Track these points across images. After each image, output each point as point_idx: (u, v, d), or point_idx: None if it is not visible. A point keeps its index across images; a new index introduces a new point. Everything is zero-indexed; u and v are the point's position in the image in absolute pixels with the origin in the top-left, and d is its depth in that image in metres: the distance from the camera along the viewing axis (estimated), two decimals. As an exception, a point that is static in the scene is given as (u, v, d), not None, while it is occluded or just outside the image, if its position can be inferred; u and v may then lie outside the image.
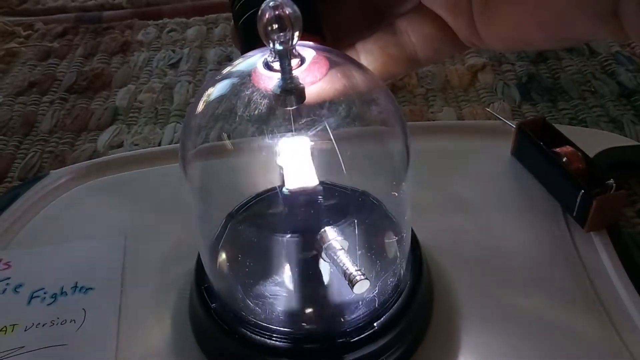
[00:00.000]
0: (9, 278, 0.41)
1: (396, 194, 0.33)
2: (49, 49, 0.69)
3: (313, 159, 0.31)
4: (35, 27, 0.73)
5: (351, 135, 0.31)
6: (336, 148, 0.29)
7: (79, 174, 0.49)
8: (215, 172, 0.35)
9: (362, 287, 0.29)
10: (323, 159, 0.31)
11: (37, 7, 0.79)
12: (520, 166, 0.47)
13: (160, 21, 0.72)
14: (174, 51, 0.66)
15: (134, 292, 0.39)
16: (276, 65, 0.28)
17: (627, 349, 0.34)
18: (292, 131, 0.30)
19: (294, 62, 0.28)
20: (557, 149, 0.43)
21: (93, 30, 0.71)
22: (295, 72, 0.28)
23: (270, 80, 0.28)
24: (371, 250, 0.33)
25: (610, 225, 0.41)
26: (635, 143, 0.49)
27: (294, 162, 0.31)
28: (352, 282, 0.29)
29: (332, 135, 0.30)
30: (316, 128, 0.31)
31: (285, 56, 0.27)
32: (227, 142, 0.32)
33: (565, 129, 0.46)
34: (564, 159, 0.43)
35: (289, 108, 0.28)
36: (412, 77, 0.58)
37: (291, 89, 0.28)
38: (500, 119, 0.50)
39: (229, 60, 0.64)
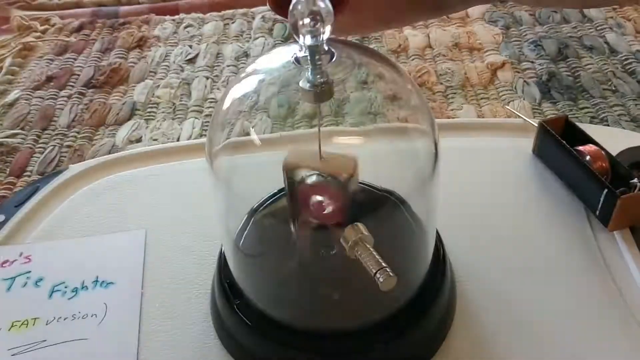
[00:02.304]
0: (29, 272, 0.41)
1: (423, 193, 0.33)
2: (66, 43, 0.69)
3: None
4: (52, 22, 0.73)
5: (379, 134, 0.30)
6: (366, 146, 0.29)
7: (99, 168, 0.49)
8: (241, 167, 0.35)
9: (390, 284, 0.29)
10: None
11: (54, 1, 0.79)
12: (542, 164, 0.46)
13: (177, 17, 0.72)
14: (191, 47, 0.66)
15: (155, 286, 0.39)
16: (304, 59, 0.28)
17: None
18: (319, 127, 0.30)
19: (325, 57, 0.28)
20: (580, 148, 0.43)
21: (110, 25, 0.71)
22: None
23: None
24: (397, 248, 0.33)
25: (634, 224, 0.41)
26: (658, 142, 0.48)
27: (321, 158, 0.31)
28: (379, 279, 0.29)
29: (362, 133, 0.30)
30: (343, 125, 0.31)
31: (316, 51, 0.27)
32: (253, 138, 0.32)
33: (586, 128, 0.46)
34: (587, 158, 0.42)
35: (317, 103, 0.28)
36: (431, 75, 0.58)
37: (320, 84, 0.28)
38: (521, 117, 0.50)
39: (246, 56, 0.64)
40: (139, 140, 0.53)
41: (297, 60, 0.28)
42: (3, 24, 0.74)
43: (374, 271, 0.29)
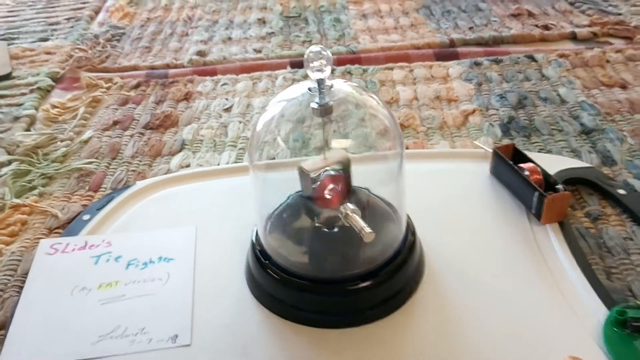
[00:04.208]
0: (110, 252, 0.56)
1: (393, 186, 0.48)
2: (127, 97, 0.86)
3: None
4: (114, 81, 0.91)
5: (364, 145, 0.45)
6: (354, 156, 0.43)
7: (159, 184, 0.64)
8: (271, 173, 0.49)
9: (370, 237, 0.43)
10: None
11: (114, 65, 0.97)
12: (497, 182, 0.61)
13: (215, 77, 0.89)
14: (227, 99, 0.83)
15: (203, 261, 0.54)
16: (315, 89, 0.43)
17: (571, 308, 0.46)
18: (324, 133, 0.45)
19: (327, 87, 0.43)
20: (522, 165, 0.57)
21: (161, 83, 0.89)
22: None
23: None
24: (378, 223, 0.47)
25: (561, 220, 0.54)
26: (587, 165, 0.62)
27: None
28: (362, 234, 0.43)
29: (350, 144, 0.46)
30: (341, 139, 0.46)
31: (322, 83, 0.42)
32: (280, 154, 0.47)
33: (534, 155, 0.60)
34: (526, 172, 0.56)
35: (322, 117, 0.43)
36: (416, 119, 0.74)
37: (324, 105, 0.43)
38: (483, 147, 0.64)
39: (271, 105, 0.80)
40: (188, 166, 0.68)
41: (309, 89, 0.44)
42: (75, 82, 0.92)
43: (359, 229, 0.43)
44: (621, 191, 0.58)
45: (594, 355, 0.42)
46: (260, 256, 0.49)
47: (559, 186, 0.54)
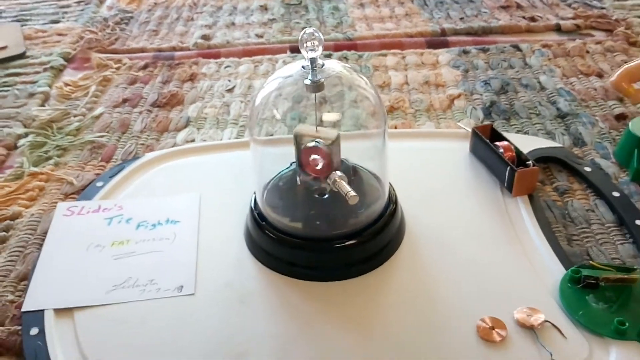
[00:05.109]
0: (122, 215, 0.61)
1: (377, 158, 0.53)
2: (135, 77, 0.91)
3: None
4: (123, 62, 0.96)
5: (351, 119, 0.51)
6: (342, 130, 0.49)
7: (167, 156, 0.70)
8: (268, 144, 0.55)
9: (354, 200, 0.48)
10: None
11: (123, 47, 1.02)
12: (475, 159, 0.66)
13: (219, 60, 0.95)
14: (229, 81, 0.88)
15: (206, 222, 0.59)
16: (308, 67, 0.48)
17: (533, 269, 0.52)
18: (316, 109, 0.50)
19: (319, 65, 0.49)
20: (497, 143, 0.63)
21: (168, 64, 0.94)
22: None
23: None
24: (361, 186, 0.53)
25: (530, 193, 0.60)
26: (559, 145, 0.68)
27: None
28: (347, 197, 0.48)
29: (339, 118, 0.51)
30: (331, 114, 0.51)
31: (314, 61, 0.48)
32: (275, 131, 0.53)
33: (510, 135, 0.66)
34: (501, 150, 0.62)
35: (314, 93, 0.49)
36: (405, 102, 0.79)
37: (316, 81, 0.48)
38: (464, 128, 0.70)
39: (271, 87, 0.85)
40: (192, 141, 0.74)
41: (303, 67, 0.49)
42: (86, 62, 0.97)
43: (344, 193, 0.49)
44: (587, 169, 0.64)
45: (549, 307, 0.48)
46: (258, 218, 0.54)
47: (529, 162, 0.60)
